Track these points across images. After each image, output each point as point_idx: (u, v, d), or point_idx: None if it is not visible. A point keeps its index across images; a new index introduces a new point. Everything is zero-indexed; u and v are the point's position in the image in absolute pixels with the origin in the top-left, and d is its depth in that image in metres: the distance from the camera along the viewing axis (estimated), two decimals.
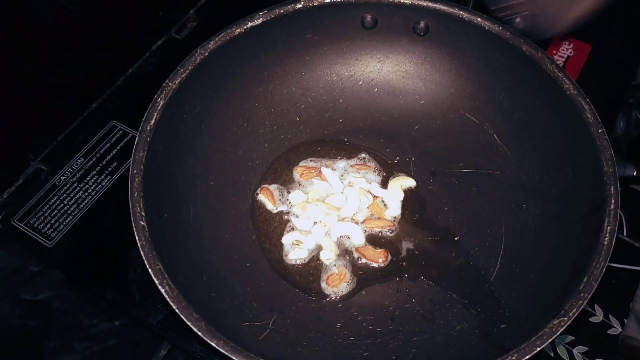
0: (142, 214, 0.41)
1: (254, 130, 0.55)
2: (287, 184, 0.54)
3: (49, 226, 0.55)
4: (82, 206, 0.56)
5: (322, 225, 0.51)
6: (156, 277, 0.38)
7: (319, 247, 0.51)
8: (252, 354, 0.36)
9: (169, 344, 0.50)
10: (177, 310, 0.38)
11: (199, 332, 0.37)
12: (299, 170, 0.55)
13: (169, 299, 0.38)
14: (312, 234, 0.51)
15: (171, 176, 0.47)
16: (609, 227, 0.41)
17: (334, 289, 0.49)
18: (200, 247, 0.47)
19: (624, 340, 0.50)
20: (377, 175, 0.55)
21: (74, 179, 0.57)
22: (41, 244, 0.54)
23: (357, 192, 0.52)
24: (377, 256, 0.50)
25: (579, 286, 0.39)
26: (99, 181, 0.57)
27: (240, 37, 0.50)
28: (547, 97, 0.49)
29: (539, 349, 0.37)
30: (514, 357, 0.36)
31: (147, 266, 0.39)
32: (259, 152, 0.55)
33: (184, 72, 0.48)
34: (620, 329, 0.50)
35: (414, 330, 0.46)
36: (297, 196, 0.53)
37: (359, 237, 0.51)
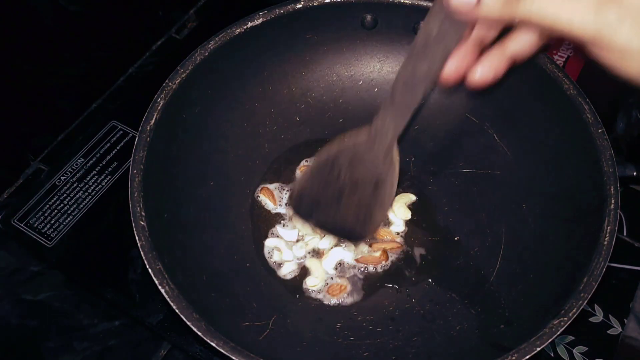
0: (142, 214, 0.41)
1: (254, 130, 0.55)
2: (288, 183, 0.54)
3: (49, 226, 0.55)
4: (82, 206, 0.56)
5: (304, 243, 0.50)
6: (156, 277, 0.38)
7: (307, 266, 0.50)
8: (252, 354, 0.36)
9: (169, 344, 0.50)
10: (177, 310, 0.38)
11: (199, 332, 0.37)
12: (303, 169, 0.54)
13: (169, 299, 0.38)
14: (293, 250, 0.50)
15: (171, 176, 0.47)
16: (609, 227, 0.41)
17: (335, 298, 0.48)
18: (200, 247, 0.48)
19: (624, 340, 0.50)
20: None
21: (74, 179, 0.57)
22: (41, 244, 0.54)
23: None
24: (379, 260, 0.50)
25: (579, 286, 0.39)
26: (99, 181, 0.57)
27: (240, 37, 0.50)
28: (547, 97, 0.49)
29: (539, 349, 0.37)
30: (514, 357, 0.36)
31: (147, 266, 0.39)
32: (259, 152, 0.55)
33: (184, 72, 0.48)
34: (620, 329, 0.50)
35: (414, 330, 0.46)
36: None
37: (350, 259, 0.50)
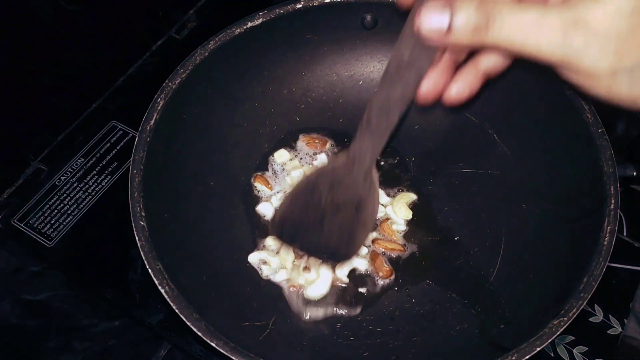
0: (142, 214, 0.41)
1: (254, 130, 0.55)
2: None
3: (49, 226, 0.55)
4: (82, 206, 0.56)
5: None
6: (156, 277, 0.38)
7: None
8: (252, 354, 0.36)
9: (169, 344, 0.50)
10: (177, 310, 0.38)
11: (199, 332, 0.37)
12: (305, 139, 0.56)
13: (169, 299, 0.38)
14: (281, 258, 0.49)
15: (171, 176, 0.47)
16: (609, 227, 0.41)
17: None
18: (200, 247, 0.47)
19: (624, 340, 0.50)
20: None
21: (74, 179, 0.57)
22: (41, 244, 0.54)
23: None
24: (387, 273, 0.49)
25: (579, 286, 0.39)
26: (99, 181, 0.57)
27: (240, 37, 0.50)
28: (547, 97, 0.49)
29: (539, 349, 0.37)
30: (514, 357, 0.36)
31: (147, 266, 0.39)
32: (259, 152, 0.55)
33: (184, 72, 0.48)
34: (620, 329, 0.50)
35: (414, 330, 0.46)
36: (281, 155, 0.54)
37: (363, 265, 0.50)
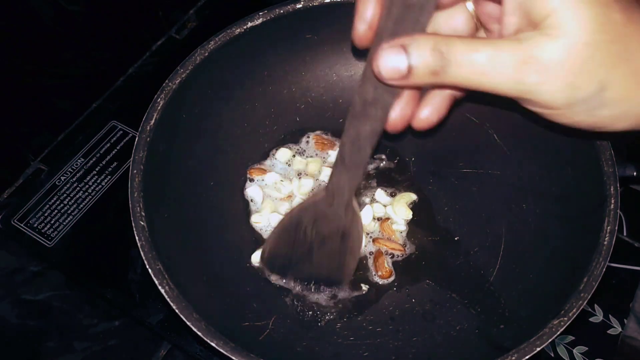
0: (142, 214, 0.41)
1: (254, 130, 0.55)
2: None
3: (49, 226, 0.55)
4: (82, 206, 0.56)
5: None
6: (156, 277, 0.38)
7: None
8: (252, 354, 0.36)
9: (169, 344, 0.50)
10: (177, 310, 0.38)
11: (199, 333, 0.37)
12: (315, 137, 0.56)
13: (169, 299, 0.38)
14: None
15: (171, 176, 0.47)
16: (609, 227, 0.41)
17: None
18: (200, 247, 0.47)
19: (624, 340, 0.50)
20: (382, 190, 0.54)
21: (74, 179, 0.57)
22: (41, 244, 0.54)
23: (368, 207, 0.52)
24: (387, 274, 0.50)
25: (579, 286, 0.39)
26: (99, 181, 0.57)
27: (240, 37, 0.50)
28: None
29: (539, 349, 0.37)
30: (514, 357, 0.36)
31: (147, 266, 0.39)
32: (259, 152, 0.55)
33: (184, 72, 0.48)
34: (620, 329, 0.50)
35: (414, 330, 0.46)
36: (283, 154, 0.54)
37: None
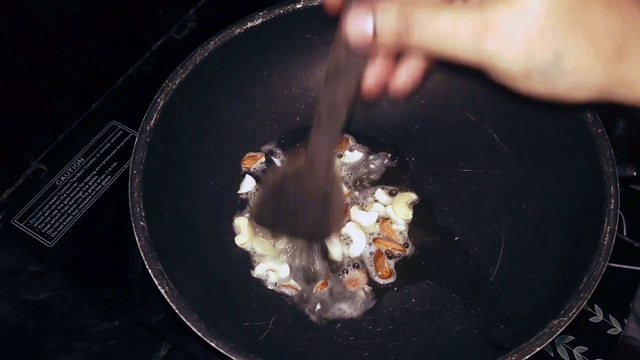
0: (142, 214, 0.41)
1: (254, 130, 0.55)
2: None
3: (49, 226, 0.55)
4: (82, 206, 0.56)
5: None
6: (156, 277, 0.38)
7: None
8: (252, 354, 0.36)
9: (169, 344, 0.50)
10: (177, 310, 0.38)
11: (199, 333, 0.37)
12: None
13: (169, 299, 0.38)
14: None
15: (171, 176, 0.47)
16: (609, 227, 0.41)
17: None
18: (200, 247, 0.47)
19: (624, 340, 0.50)
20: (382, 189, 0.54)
21: (74, 179, 0.57)
22: (41, 244, 0.54)
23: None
24: (387, 274, 0.50)
25: (579, 286, 0.39)
26: (99, 181, 0.57)
27: (240, 37, 0.50)
28: None
29: (539, 349, 0.37)
30: (514, 357, 0.36)
31: (147, 266, 0.39)
32: (259, 152, 0.55)
33: (184, 72, 0.48)
34: (620, 329, 0.50)
35: (414, 330, 0.46)
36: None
37: (361, 244, 0.50)
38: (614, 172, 0.43)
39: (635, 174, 0.54)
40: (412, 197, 0.53)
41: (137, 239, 0.40)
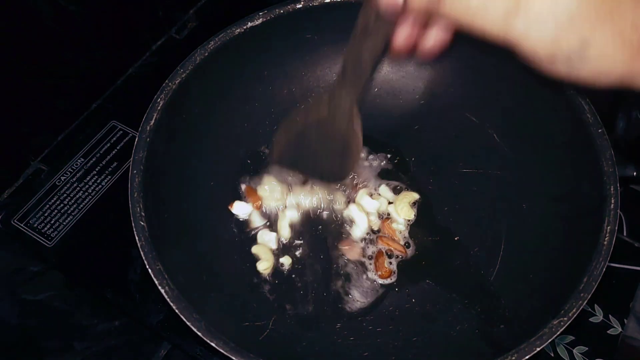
0: (142, 214, 0.41)
1: (254, 130, 0.55)
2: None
3: (49, 226, 0.55)
4: (82, 206, 0.56)
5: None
6: (156, 277, 0.38)
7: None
8: (252, 354, 0.36)
9: (169, 344, 0.50)
10: (177, 310, 0.38)
11: (199, 333, 0.37)
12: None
13: (169, 299, 0.38)
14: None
15: (171, 176, 0.47)
16: (609, 227, 0.41)
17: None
18: (200, 247, 0.47)
19: (624, 340, 0.50)
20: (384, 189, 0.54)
21: (74, 179, 0.57)
22: (41, 244, 0.54)
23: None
24: (387, 274, 0.50)
25: (579, 286, 0.39)
26: (99, 181, 0.57)
27: (240, 37, 0.50)
28: (547, 97, 0.49)
29: (539, 349, 0.37)
30: (514, 357, 0.36)
31: (147, 266, 0.39)
32: (258, 153, 0.55)
33: (184, 72, 0.48)
34: (620, 329, 0.50)
35: (414, 330, 0.46)
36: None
37: (362, 227, 0.51)
38: (614, 172, 0.43)
39: (635, 174, 0.54)
40: (415, 196, 0.53)
41: (137, 239, 0.40)
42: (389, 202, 0.53)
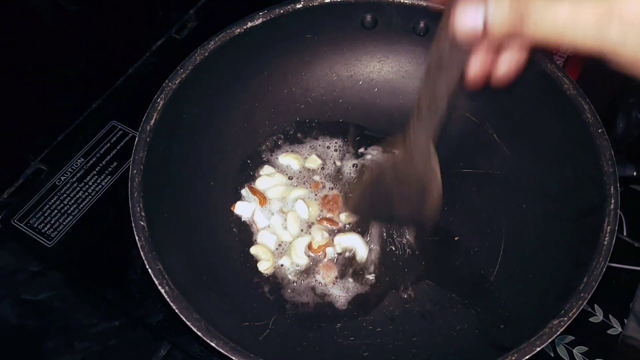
0: (142, 214, 0.41)
1: (254, 130, 0.55)
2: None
3: (49, 226, 0.55)
4: (82, 206, 0.56)
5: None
6: (156, 277, 0.38)
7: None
8: (252, 354, 0.36)
9: (169, 344, 0.50)
10: (177, 310, 0.38)
11: (199, 332, 0.37)
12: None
13: (169, 299, 0.38)
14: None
15: (171, 176, 0.47)
16: (609, 227, 0.41)
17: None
18: (200, 247, 0.47)
19: (624, 340, 0.50)
20: None
21: (74, 179, 0.57)
22: (41, 244, 0.54)
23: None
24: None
25: (579, 286, 0.39)
26: (99, 181, 0.57)
27: (240, 37, 0.50)
28: (547, 97, 0.49)
29: (539, 349, 0.37)
30: (514, 357, 0.36)
31: (147, 266, 0.39)
32: (258, 153, 0.55)
33: (184, 72, 0.48)
34: (620, 329, 0.50)
35: (414, 330, 0.46)
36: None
37: (363, 251, 0.50)
38: (614, 172, 0.43)
39: (635, 174, 0.54)
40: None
41: (137, 239, 0.40)
42: None
